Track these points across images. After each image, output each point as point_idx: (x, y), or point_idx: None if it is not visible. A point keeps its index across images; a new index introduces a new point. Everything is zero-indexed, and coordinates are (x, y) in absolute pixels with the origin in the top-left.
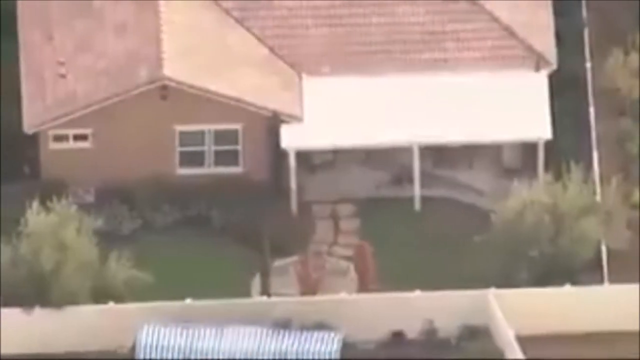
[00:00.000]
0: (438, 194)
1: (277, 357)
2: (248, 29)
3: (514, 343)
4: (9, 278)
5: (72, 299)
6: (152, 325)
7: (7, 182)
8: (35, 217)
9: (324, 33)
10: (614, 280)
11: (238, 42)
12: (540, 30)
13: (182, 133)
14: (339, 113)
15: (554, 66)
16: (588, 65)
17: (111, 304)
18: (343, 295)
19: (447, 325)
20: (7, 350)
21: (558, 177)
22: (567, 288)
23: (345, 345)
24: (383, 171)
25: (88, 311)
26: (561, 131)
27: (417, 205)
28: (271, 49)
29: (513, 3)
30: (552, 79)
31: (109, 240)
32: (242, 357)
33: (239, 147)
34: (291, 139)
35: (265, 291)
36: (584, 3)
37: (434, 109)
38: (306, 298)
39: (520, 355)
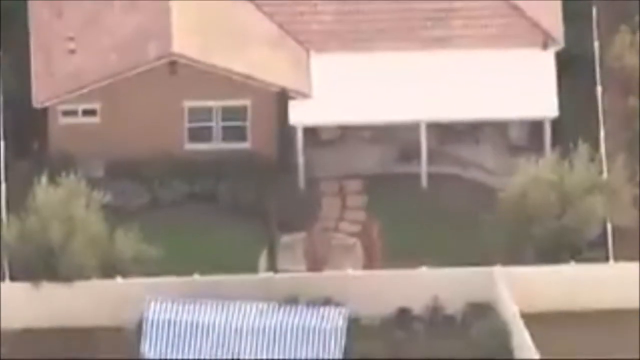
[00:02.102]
0: (445, 171)
1: (283, 333)
2: (257, 6)
3: (519, 320)
4: (18, 252)
5: (80, 274)
6: (160, 301)
7: (16, 156)
8: (44, 192)
9: (332, 10)
10: (619, 258)
11: (247, 19)
12: (548, 8)
13: (190, 109)
14: (346, 90)
15: (562, 44)
16: (595, 43)
17: (119, 279)
18: (349, 271)
19: (453, 302)
20: (15, 324)
21: (564, 155)
22: (572, 265)
23: (352, 321)
24: (390, 148)
25: (96, 286)
26: (568, 109)
27: (424, 182)
28: (280, 26)
29: None
30: (560, 57)
31: (117, 215)
32: (249, 332)
33: (247, 123)
34: (299, 115)
35: (272, 267)
36: None
37: (441, 87)
38: (313, 274)
39: (524, 332)
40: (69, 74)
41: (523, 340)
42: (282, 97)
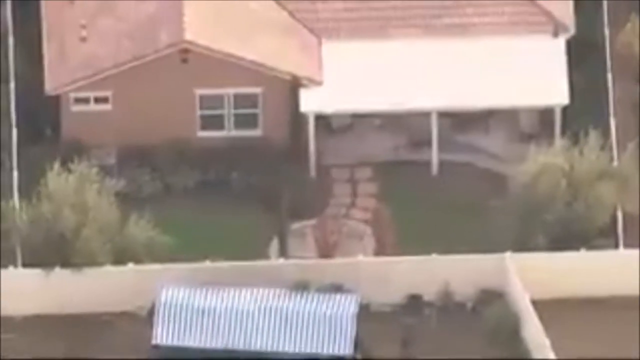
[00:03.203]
0: (455, 158)
1: (294, 319)
2: None
3: (529, 307)
4: (30, 239)
5: (92, 260)
6: (172, 287)
7: (28, 143)
8: (56, 179)
9: None
10: (629, 245)
11: (258, 7)
12: None
13: (202, 96)
14: (358, 77)
15: (572, 32)
16: (606, 31)
17: (131, 265)
18: (360, 258)
19: (464, 288)
20: (27, 310)
21: (575, 142)
22: (583, 252)
23: (362, 308)
24: (401, 135)
25: (108, 272)
26: (578, 97)
27: (435, 170)
28: (291, 14)
29: None
30: (570, 45)
31: (129, 202)
32: (260, 318)
33: (259, 111)
34: (310, 102)
35: (283, 253)
36: None
37: (452, 74)
38: (323, 261)
39: (535, 318)
40: (81, 61)
41: (533, 327)
42: (294, 85)
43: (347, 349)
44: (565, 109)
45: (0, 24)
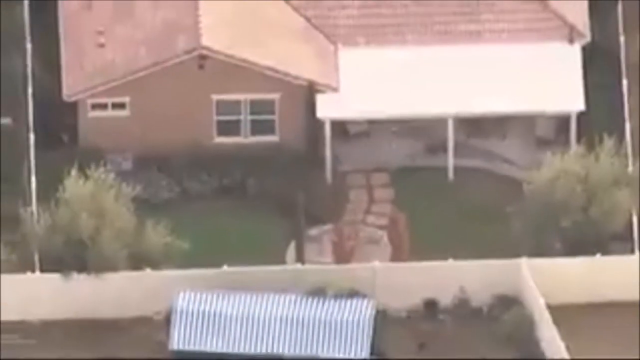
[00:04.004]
0: (471, 164)
1: (310, 324)
2: (285, 0)
3: (545, 312)
4: (47, 244)
5: (109, 266)
6: (188, 292)
7: (46, 149)
8: (74, 184)
9: (360, 4)
10: None
11: (275, 13)
12: (574, 2)
13: (219, 102)
14: (374, 83)
15: (588, 38)
16: (622, 38)
17: (148, 271)
18: (376, 263)
19: (480, 294)
20: (44, 315)
21: (590, 148)
22: (598, 258)
23: (379, 313)
24: (417, 141)
25: (125, 277)
26: (594, 103)
27: (451, 175)
28: (307, 20)
29: None
30: (586, 51)
31: (146, 207)
32: (276, 323)
33: (275, 117)
34: (327, 108)
35: (300, 259)
36: None
37: (468, 80)
38: (340, 266)
39: (551, 323)
40: (98, 67)
41: (549, 332)
42: (310, 91)
43: (363, 354)
44: (580, 115)
45: (18, 29)
